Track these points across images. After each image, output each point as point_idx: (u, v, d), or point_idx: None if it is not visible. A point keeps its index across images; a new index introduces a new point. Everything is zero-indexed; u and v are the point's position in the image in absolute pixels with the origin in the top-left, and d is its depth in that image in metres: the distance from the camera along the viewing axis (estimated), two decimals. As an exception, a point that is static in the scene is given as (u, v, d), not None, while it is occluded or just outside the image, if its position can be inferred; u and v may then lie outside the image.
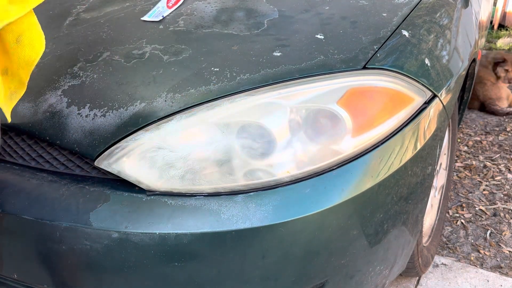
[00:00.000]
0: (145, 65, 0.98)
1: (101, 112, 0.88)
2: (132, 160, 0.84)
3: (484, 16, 2.09)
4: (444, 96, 1.06)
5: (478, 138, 2.48)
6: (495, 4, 4.36)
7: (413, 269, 1.36)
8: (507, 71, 2.85)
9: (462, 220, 1.81)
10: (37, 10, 1.38)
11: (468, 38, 1.38)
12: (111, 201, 0.83)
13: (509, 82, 2.88)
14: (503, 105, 2.83)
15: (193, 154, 0.83)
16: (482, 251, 1.64)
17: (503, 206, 1.90)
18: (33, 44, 0.81)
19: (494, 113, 2.78)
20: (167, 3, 1.24)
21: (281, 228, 0.81)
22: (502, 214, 1.84)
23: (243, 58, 0.96)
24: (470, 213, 1.86)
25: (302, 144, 0.85)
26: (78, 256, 0.83)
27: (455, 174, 2.12)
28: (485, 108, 2.81)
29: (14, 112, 0.95)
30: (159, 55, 1.00)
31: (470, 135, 2.53)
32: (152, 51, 1.02)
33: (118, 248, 0.81)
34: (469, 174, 2.12)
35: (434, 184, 1.37)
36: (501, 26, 4.57)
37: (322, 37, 1.01)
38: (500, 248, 1.66)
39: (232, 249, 0.81)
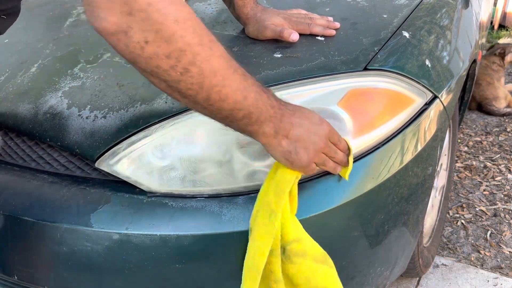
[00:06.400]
0: (146, 66, 0.97)
1: (102, 113, 0.88)
2: (132, 162, 0.84)
3: (484, 16, 2.09)
4: (445, 97, 1.06)
5: (479, 139, 2.48)
6: (495, 4, 4.35)
7: (414, 270, 1.36)
8: None
9: (463, 221, 1.81)
10: (38, 11, 1.38)
11: (468, 38, 1.38)
12: (111, 202, 0.83)
13: None
14: (501, 105, 2.77)
15: (194, 156, 0.83)
16: (482, 252, 1.64)
17: (504, 206, 1.90)
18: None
19: (491, 113, 2.73)
20: (168, 4, 1.24)
21: (282, 230, 0.80)
22: (502, 215, 1.84)
23: (243, 60, 0.95)
24: (471, 213, 1.86)
25: (303, 146, 0.84)
26: (78, 257, 0.83)
27: (455, 174, 2.12)
28: (482, 108, 2.77)
29: (15, 113, 0.95)
30: (159, 56, 1.00)
31: (470, 135, 2.52)
32: (152, 52, 1.02)
33: (118, 250, 0.81)
34: (470, 175, 2.12)
35: (434, 184, 1.37)
36: (502, 26, 4.56)
37: (323, 38, 1.01)
38: (501, 249, 1.66)
39: (233, 250, 0.81)
